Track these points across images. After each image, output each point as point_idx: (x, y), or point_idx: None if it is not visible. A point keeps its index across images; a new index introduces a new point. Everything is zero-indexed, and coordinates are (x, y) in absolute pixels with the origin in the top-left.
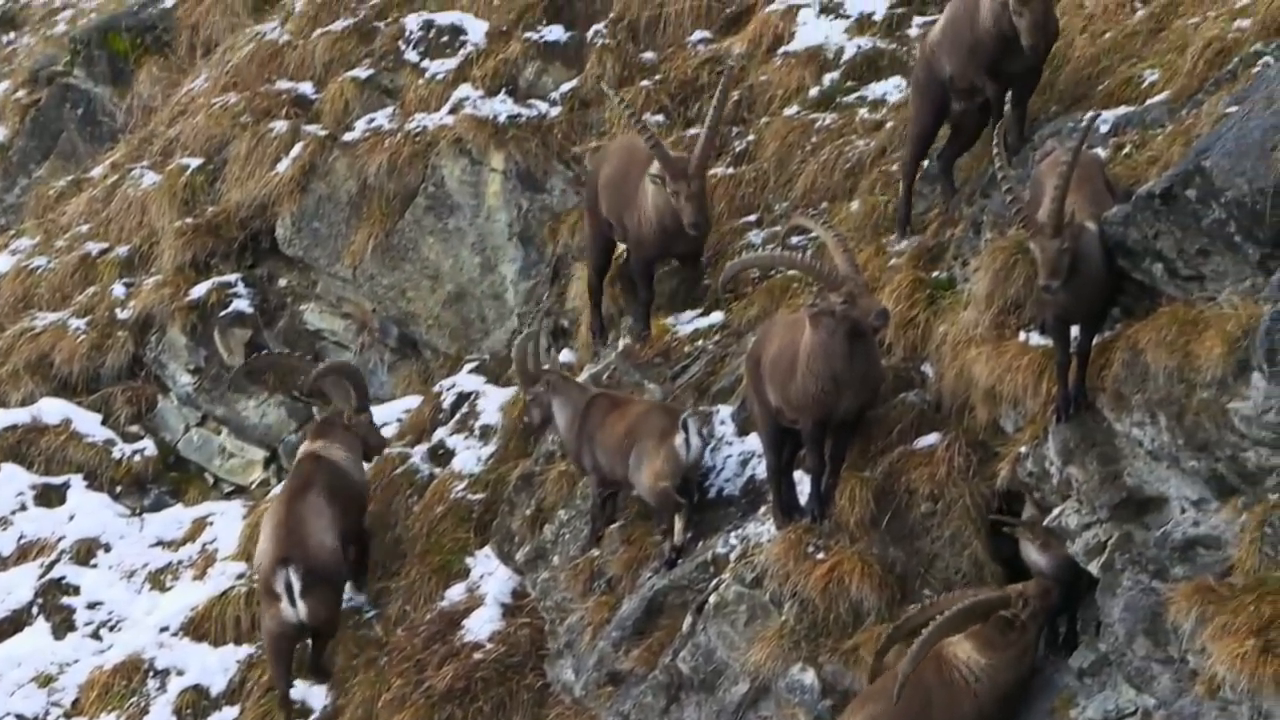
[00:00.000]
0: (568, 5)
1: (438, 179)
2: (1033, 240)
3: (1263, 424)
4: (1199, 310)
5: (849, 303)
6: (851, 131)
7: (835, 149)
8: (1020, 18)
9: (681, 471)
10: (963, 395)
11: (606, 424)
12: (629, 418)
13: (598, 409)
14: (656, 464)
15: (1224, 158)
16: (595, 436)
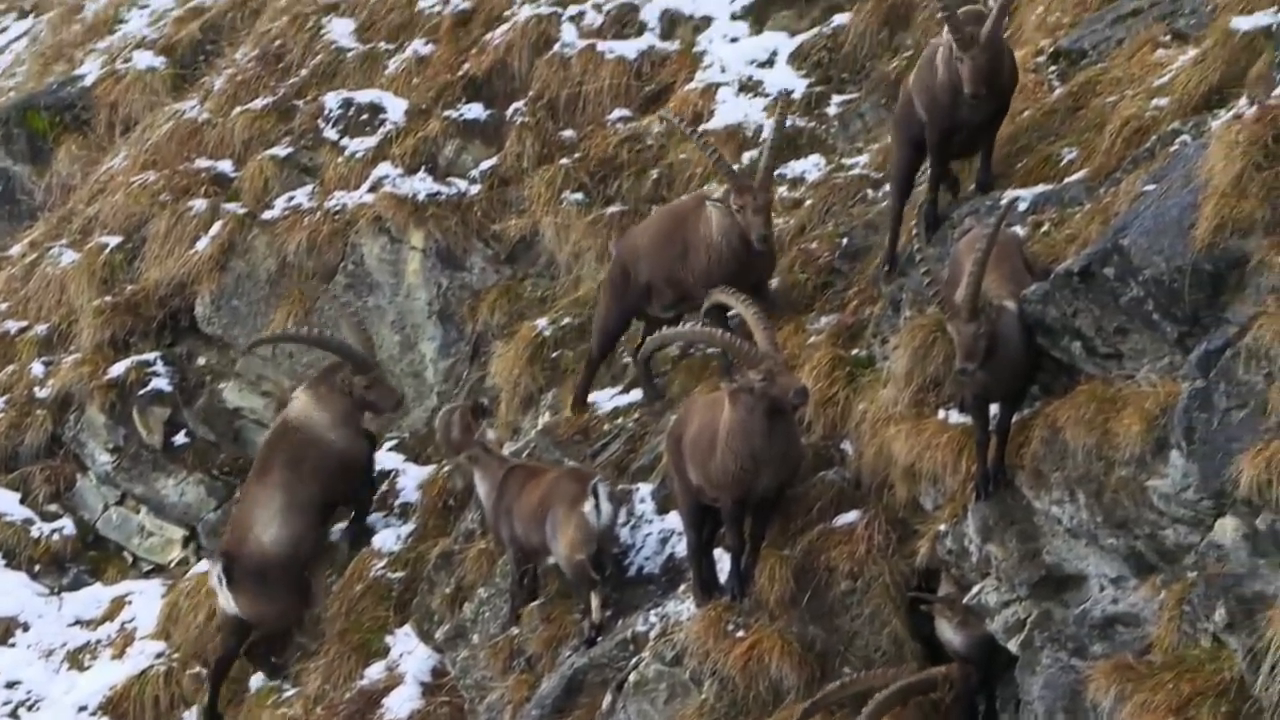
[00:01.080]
0: (487, 84)
1: (357, 257)
2: (950, 322)
3: (1181, 502)
4: (1118, 388)
5: (768, 380)
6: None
7: None
8: (962, 64)
9: (594, 538)
10: (882, 473)
11: (523, 494)
12: (543, 485)
13: (515, 480)
14: (569, 533)
15: (1142, 236)
16: (513, 508)
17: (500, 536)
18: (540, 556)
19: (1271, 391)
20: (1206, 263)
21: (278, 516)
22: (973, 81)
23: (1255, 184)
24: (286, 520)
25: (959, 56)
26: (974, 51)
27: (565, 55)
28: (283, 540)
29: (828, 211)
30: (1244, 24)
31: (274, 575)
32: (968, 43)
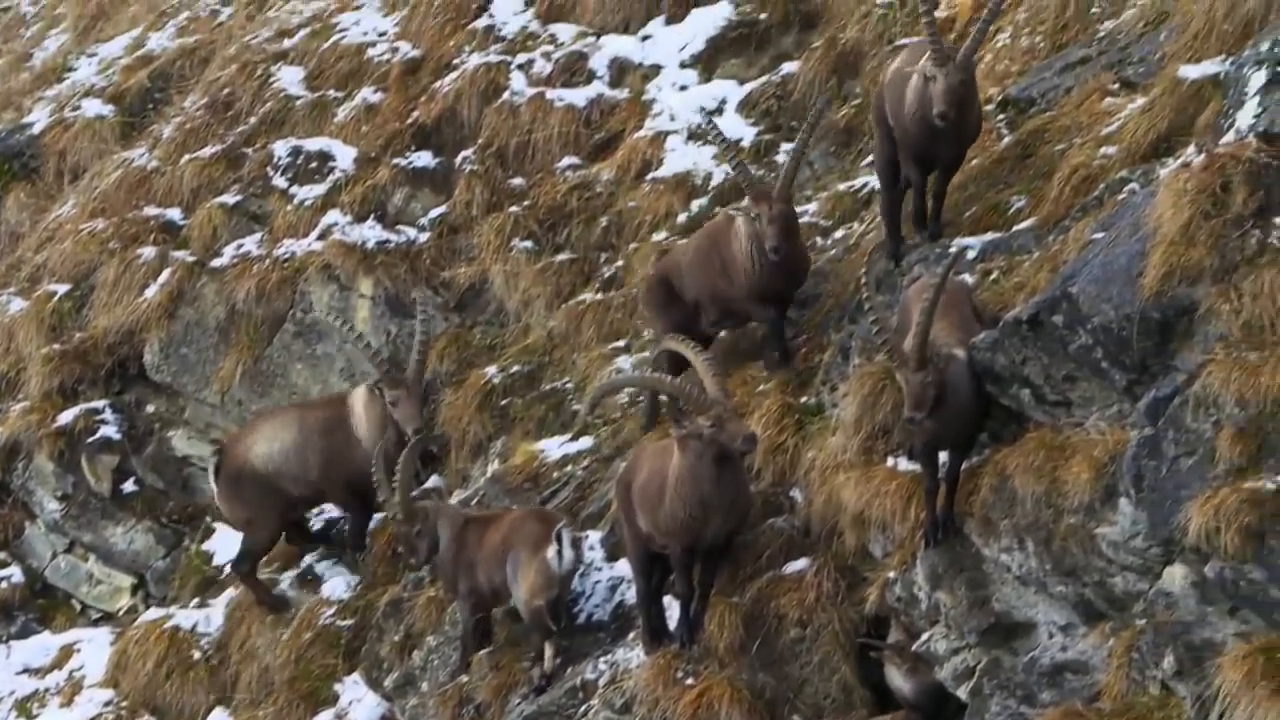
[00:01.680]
0: (436, 132)
1: (306, 304)
2: (898, 371)
3: (1130, 549)
4: (1066, 436)
5: (717, 426)
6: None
7: None
8: (934, 82)
9: (555, 584)
10: (831, 520)
11: (484, 540)
12: (504, 526)
13: (473, 531)
14: (530, 577)
15: (1091, 284)
16: (475, 559)
17: (455, 588)
18: (500, 600)
19: (1220, 439)
20: (1155, 311)
21: (276, 444)
22: (944, 101)
23: (1203, 232)
24: (281, 452)
25: (932, 74)
26: (949, 69)
27: (514, 103)
28: (266, 462)
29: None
30: (1192, 73)
31: (246, 486)
32: (944, 58)
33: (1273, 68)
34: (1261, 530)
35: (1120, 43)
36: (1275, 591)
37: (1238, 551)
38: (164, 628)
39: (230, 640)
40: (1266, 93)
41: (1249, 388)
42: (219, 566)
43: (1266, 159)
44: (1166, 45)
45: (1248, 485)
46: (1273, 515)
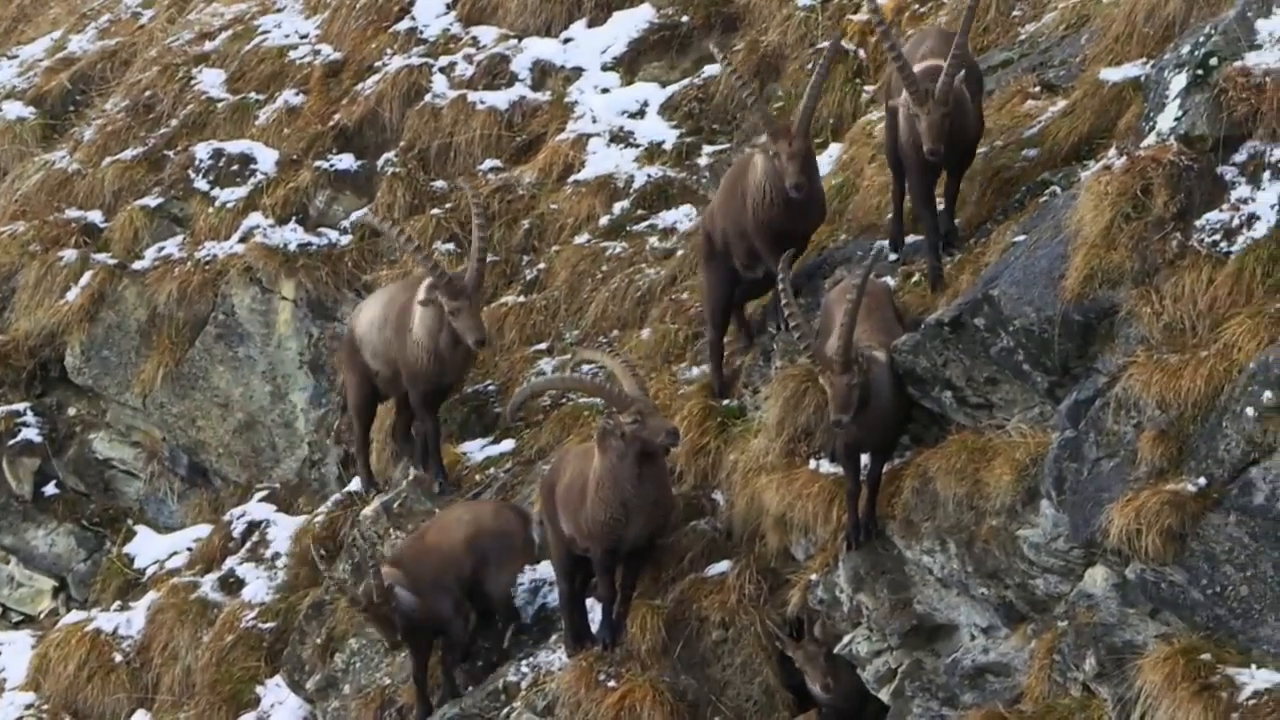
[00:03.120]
0: (358, 134)
1: (228, 307)
2: (822, 374)
3: (1051, 551)
4: (988, 438)
5: (638, 422)
6: (642, 260)
7: (626, 277)
8: (919, 120)
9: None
10: (754, 523)
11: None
12: (468, 521)
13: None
14: (516, 564)
15: (1012, 286)
16: (426, 579)
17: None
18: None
19: (1141, 441)
20: (1076, 313)
21: (369, 314)
22: (931, 138)
23: (1124, 235)
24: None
25: (915, 113)
26: (929, 107)
27: (436, 106)
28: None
29: (698, 262)
30: (1113, 75)
31: (346, 346)
32: (923, 98)
33: (1193, 71)
34: (1182, 532)
35: (1041, 46)
36: (1196, 593)
37: (1159, 554)
38: (85, 630)
39: (152, 643)
40: (1187, 96)
41: (1170, 390)
42: (140, 569)
43: (1187, 162)
44: (1087, 48)
45: (1169, 487)
46: (1193, 517)
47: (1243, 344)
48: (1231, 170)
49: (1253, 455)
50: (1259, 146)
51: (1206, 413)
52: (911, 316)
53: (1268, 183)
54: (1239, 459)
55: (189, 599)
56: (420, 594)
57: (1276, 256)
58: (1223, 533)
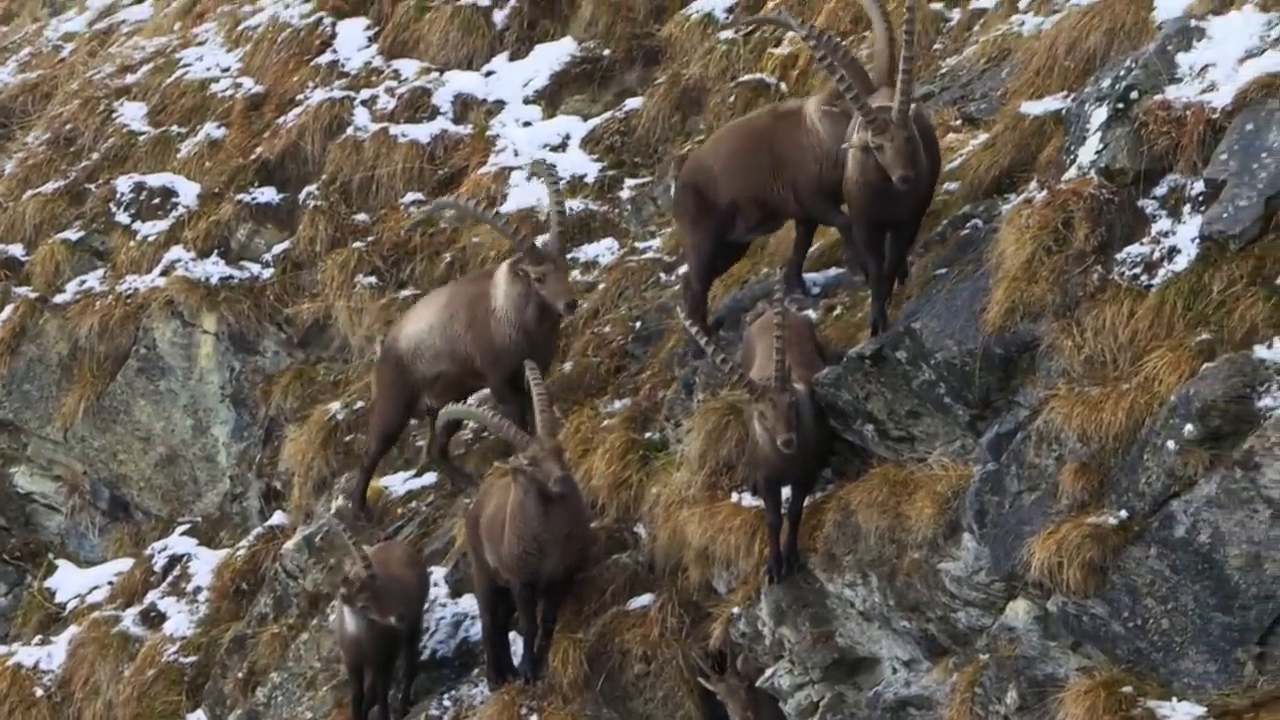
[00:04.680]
0: (280, 167)
1: (149, 341)
2: (760, 400)
3: (973, 584)
4: (910, 471)
5: (534, 465)
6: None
7: None
8: (881, 152)
9: None
10: (675, 556)
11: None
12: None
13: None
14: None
15: (933, 320)
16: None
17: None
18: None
19: (1063, 474)
20: (997, 346)
21: (423, 322)
22: (902, 163)
23: (1045, 268)
24: (427, 328)
25: (877, 144)
26: (891, 133)
27: (358, 139)
28: (408, 340)
29: (621, 295)
30: (1034, 109)
31: (386, 367)
32: (883, 127)
33: (1114, 104)
34: (1104, 565)
35: (963, 79)
36: (1117, 626)
37: (1080, 586)
38: (6, 665)
39: (73, 677)
40: (1108, 129)
41: (1091, 423)
42: (61, 603)
43: (1108, 195)
44: (1009, 81)
45: (1090, 520)
46: (1115, 550)
47: (1164, 377)
48: (1152, 203)
49: (1174, 488)
50: (1179, 180)
51: (1128, 446)
52: (833, 350)
53: (1188, 216)
54: (1160, 492)
55: (110, 633)
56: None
57: (1197, 290)
58: (1144, 566)
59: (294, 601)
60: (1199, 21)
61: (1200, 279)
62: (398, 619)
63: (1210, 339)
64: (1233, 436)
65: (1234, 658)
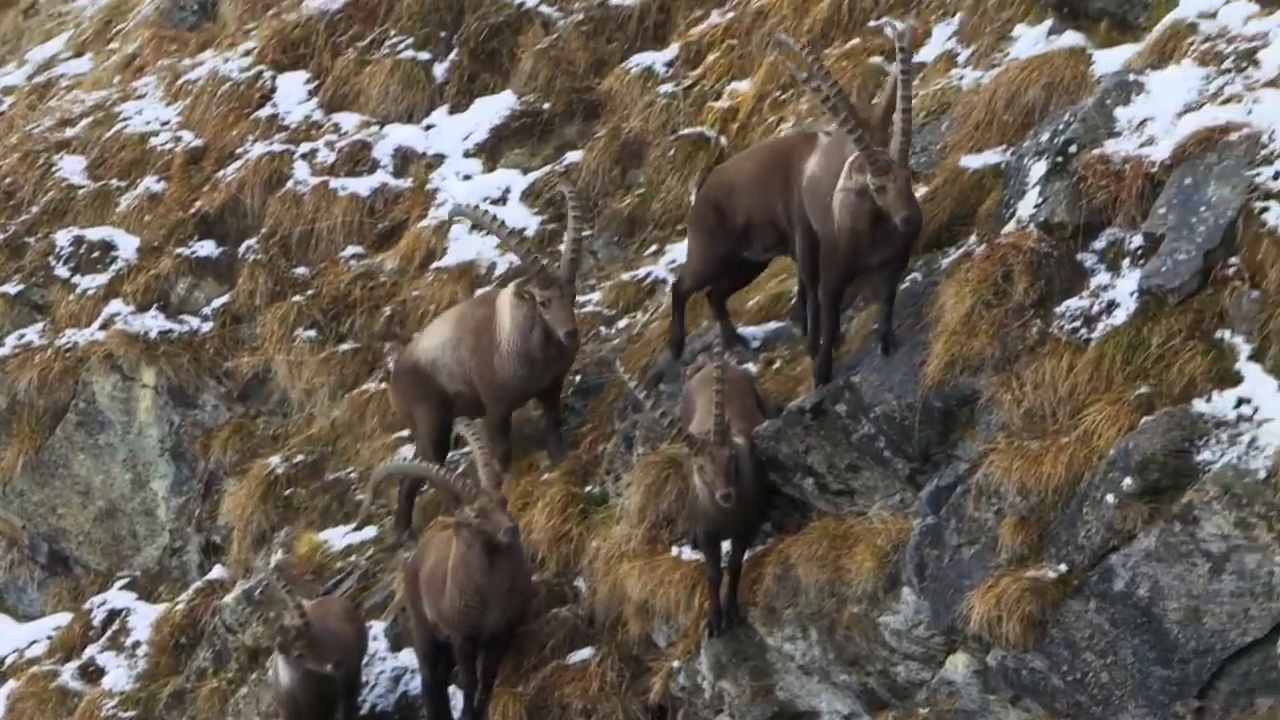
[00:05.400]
0: (219, 221)
1: (89, 395)
2: (699, 454)
3: (912, 638)
4: (850, 525)
5: (481, 517)
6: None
7: None
8: (883, 193)
9: None
10: (615, 610)
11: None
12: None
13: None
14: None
15: (873, 373)
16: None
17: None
18: None
19: (1002, 528)
20: (937, 400)
21: (437, 338)
22: (904, 205)
23: (985, 321)
24: (440, 345)
25: (879, 185)
26: (894, 174)
27: (298, 192)
28: (426, 354)
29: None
30: (973, 162)
31: (405, 378)
32: (885, 168)
33: (1053, 158)
34: (1043, 619)
35: None
36: (1056, 680)
37: (1019, 640)
38: None
39: None
40: (1047, 183)
41: (1030, 476)
42: (0, 658)
43: (1047, 249)
44: (948, 135)
45: (1029, 574)
46: (1054, 604)
47: (1103, 431)
48: (1091, 257)
49: (1113, 542)
50: (1118, 233)
51: (1067, 499)
52: (773, 403)
53: (1127, 270)
54: (1099, 546)
55: (49, 688)
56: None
57: (1136, 343)
58: (1083, 619)
59: (233, 656)
60: (1137, 76)
61: (1139, 333)
62: (334, 667)
63: (1149, 393)
64: (1172, 490)
65: (1173, 711)
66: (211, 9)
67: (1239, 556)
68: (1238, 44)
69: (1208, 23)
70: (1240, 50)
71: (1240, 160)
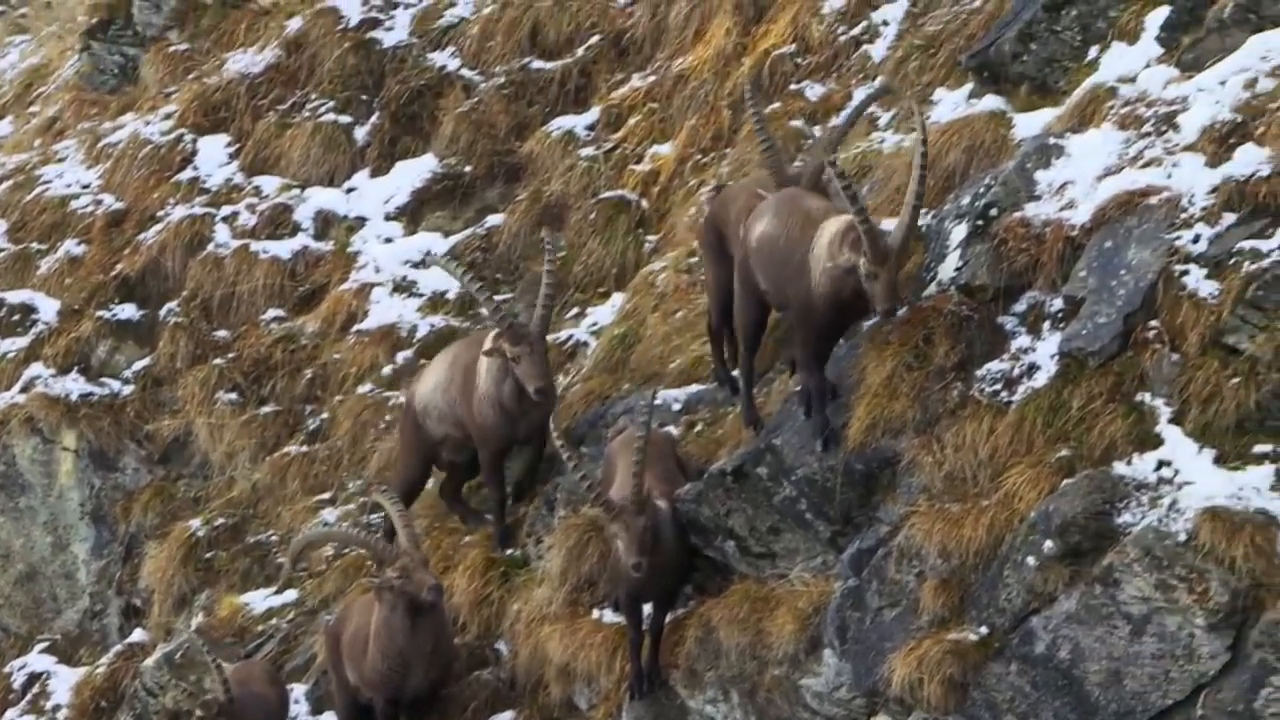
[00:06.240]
0: (140, 284)
1: (9, 458)
2: (613, 521)
3: (834, 700)
4: (771, 587)
5: (404, 577)
6: None
7: None
8: (874, 280)
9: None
10: (537, 672)
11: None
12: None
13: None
14: None
15: (795, 435)
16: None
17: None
18: None
19: (923, 590)
20: (858, 462)
21: (432, 379)
22: (889, 298)
23: (906, 384)
24: (435, 387)
25: (870, 272)
26: (891, 264)
27: (219, 255)
28: (421, 398)
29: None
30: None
31: (404, 420)
32: (883, 256)
33: (973, 221)
34: (964, 681)
35: None
36: None
37: (940, 703)
38: None
39: None
40: (968, 246)
41: (951, 539)
42: None
43: (968, 311)
44: (870, 198)
45: (950, 636)
46: (975, 666)
47: (1024, 493)
48: (1012, 320)
49: (1034, 604)
50: (1039, 296)
51: (988, 562)
52: (694, 466)
53: (1047, 333)
54: (1020, 608)
55: None
56: None
57: (1056, 406)
58: (1004, 682)
59: (154, 719)
60: (1058, 139)
61: (1060, 395)
62: None
63: (1070, 455)
64: (1093, 553)
65: None
66: (132, 72)
67: (1160, 619)
68: (1157, 108)
69: (1127, 87)
70: (1160, 114)
71: (1160, 223)
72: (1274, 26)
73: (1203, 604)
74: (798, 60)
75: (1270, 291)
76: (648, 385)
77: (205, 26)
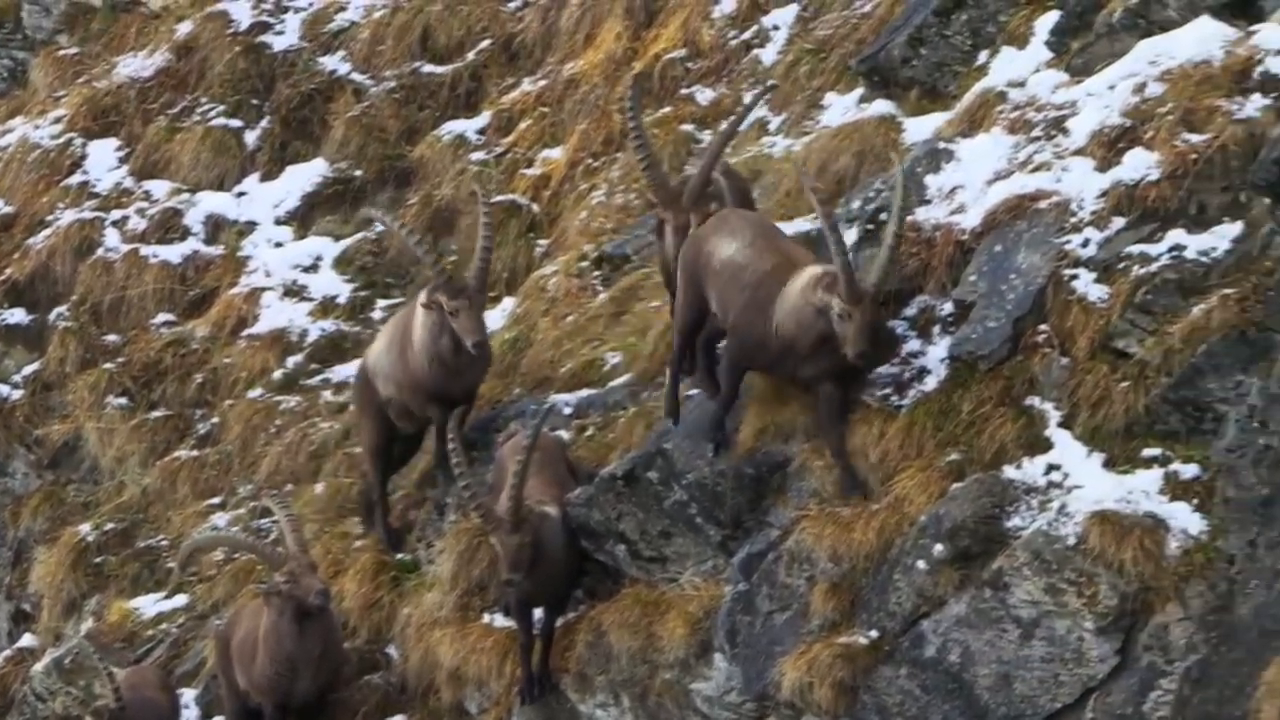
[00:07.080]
0: (29, 288)
1: None
2: (493, 534)
3: (724, 704)
4: (661, 591)
5: (291, 582)
6: (315, 414)
7: (300, 431)
8: (847, 321)
9: None
10: (428, 677)
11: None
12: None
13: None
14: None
15: (685, 440)
16: None
17: None
18: None
19: (813, 594)
20: (748, 467)
21: (381, 341)
22: (861, 340)
23: (796, 388)
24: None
25: (844, 313)
26: (865, 305)
27: (109, 260)
28: (371, 359)
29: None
30: (785, 230)
31: (356, 385)
32: (858, 296)
33: (864, 225)
34: (854, 685)
35: None
36: None
37: (831, 706)
38: None
39: None
40: (858, 250)
41: (842, 543)
42: None
43: None
44: (760, 203)
45: (841, 640)
46: (865, 670)
47: (914, 497)
48: (902, 324)
49: (924, 608)
50: (929, 301)
51: (878, 565)
52: (585, 470)
53: (938, 336)
54: (910, 611)
55: None
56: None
57: (946, 410)
58: (894, 685)
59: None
60: (948, 144)
61: (950, 399)
62: None
63: (960, 459)
64: (982, 556)
65: None
66: (21, 76)
67: (1049, 622)
68: (1047, 112)
69: (1017, 91)
70: (1049, 118)
71: (1050, 228)
72: (1162, 31)
73: (1092, 607)
74: (688, 65)
75: (1159, 295)
76: (539, 389)
77: (95, 30)
